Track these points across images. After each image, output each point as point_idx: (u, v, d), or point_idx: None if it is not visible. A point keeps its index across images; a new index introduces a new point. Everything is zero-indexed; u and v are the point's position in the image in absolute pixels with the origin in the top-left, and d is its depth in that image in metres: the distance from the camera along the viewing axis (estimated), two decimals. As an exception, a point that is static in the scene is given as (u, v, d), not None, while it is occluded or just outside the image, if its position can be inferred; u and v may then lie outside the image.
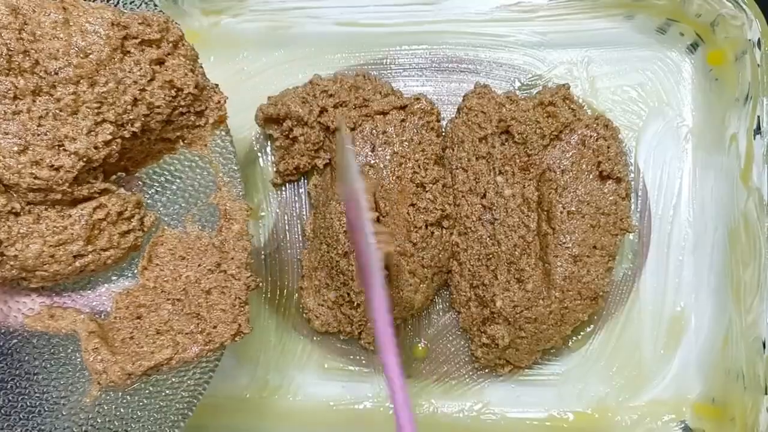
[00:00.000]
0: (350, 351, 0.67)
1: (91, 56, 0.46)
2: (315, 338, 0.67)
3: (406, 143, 0.61)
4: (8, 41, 0.44)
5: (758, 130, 0.59)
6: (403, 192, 0.60)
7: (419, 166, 0.60)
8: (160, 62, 0.49)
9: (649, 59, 0.66)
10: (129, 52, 0.48)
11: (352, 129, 0.61)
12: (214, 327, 0.52)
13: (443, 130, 0.65)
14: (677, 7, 0.63)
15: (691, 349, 0.65)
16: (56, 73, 0.45)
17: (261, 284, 0.54)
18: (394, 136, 0.61)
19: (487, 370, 0.66)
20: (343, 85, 0.62)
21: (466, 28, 0.66)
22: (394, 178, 0.60)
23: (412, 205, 0.60)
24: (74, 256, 0.49)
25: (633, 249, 0.65)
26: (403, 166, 0.60)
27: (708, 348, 0.64)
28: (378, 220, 0.60)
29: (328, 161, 0.65)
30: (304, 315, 0.65)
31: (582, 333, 0.66)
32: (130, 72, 0.47)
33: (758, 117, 0.59)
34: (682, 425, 0.64)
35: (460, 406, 0.66)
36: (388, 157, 0.61)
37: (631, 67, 0.66)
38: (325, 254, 0.62)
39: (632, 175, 0.65)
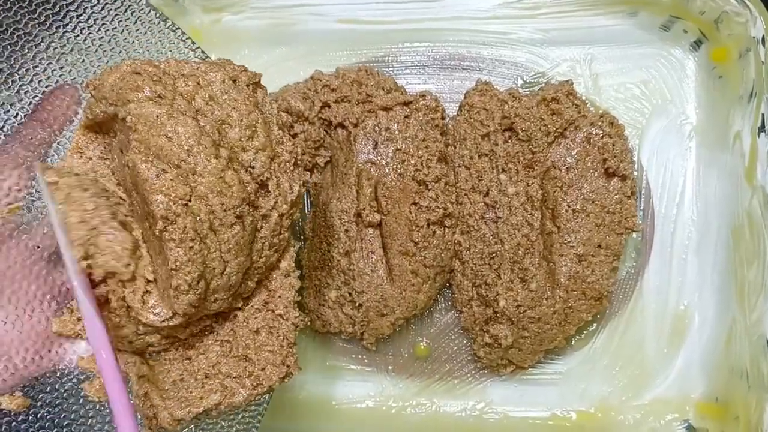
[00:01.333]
0: (352, 350, 0.67)
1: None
2: (316, 337, 0.67)
3: (409, 140, 0.60)
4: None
5: (763, 128, 0.58)
6: (405, 190, 0.60)
7: (422, 164, 0.60)
8: None
9: (652, 56, 0.65)
10: None
11: (355, 125, 0.61)
12: (262, 369, 0.50)
13: (446, 127, 0.65)
14: (681, 3, 0.62)
15: (694, 348, 0.64)
16: None
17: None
18: (397, 132, 0.60)
19: (489, 370, 0.66)
20: (345, 80, 0.62)
21: (468, 26, 0.66)
22: (396, 175, 0.60)
23: (414, 203, 0.60)
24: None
25: (636, 247, 0.65)
26: (405, 163, 0.60)
27: (711, 347, 0.64)
28: (380, 221, 0.60)
29: (328, 159, 0.64)
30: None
31: (585, 332, 0.65)
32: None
33: (762, 115, 0.58)
34: (686, 424, 0.64)
35: (462, 406, 0.66)
36: (390, 154, 0.60)
37: (635, 65, 0.65)
38: (326, 253, 0.62)
39: (636, 173, 0.64)
